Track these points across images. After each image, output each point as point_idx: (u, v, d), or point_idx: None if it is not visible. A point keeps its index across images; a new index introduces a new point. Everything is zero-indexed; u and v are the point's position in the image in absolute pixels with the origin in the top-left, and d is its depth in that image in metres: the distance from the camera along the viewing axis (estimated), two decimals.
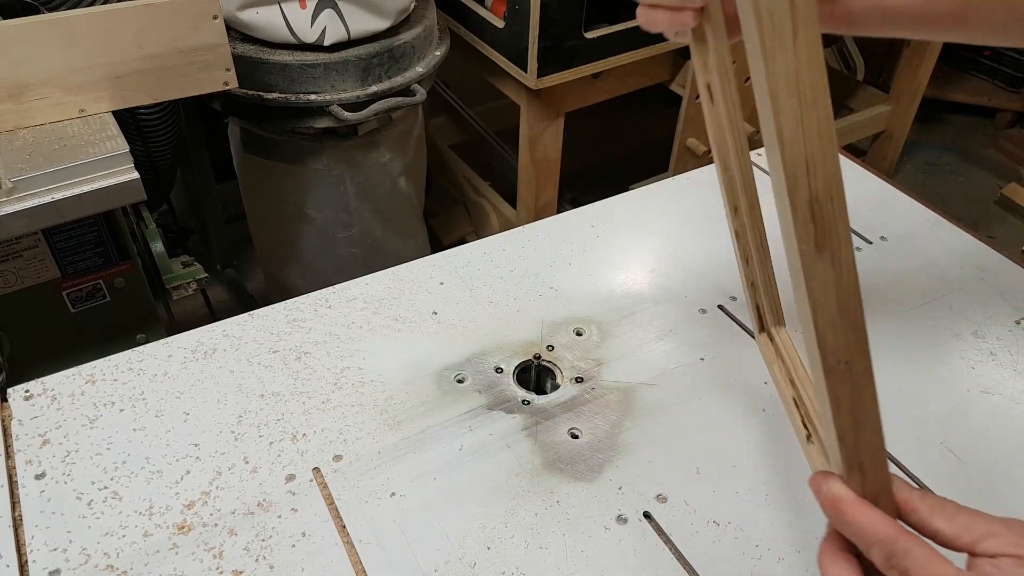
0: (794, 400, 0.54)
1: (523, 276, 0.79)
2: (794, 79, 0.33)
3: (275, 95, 1.20)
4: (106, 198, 0.89)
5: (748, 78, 0.36)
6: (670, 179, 0.95)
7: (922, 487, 0.61)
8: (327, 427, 0.63)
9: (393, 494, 0.58)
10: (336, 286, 0.77)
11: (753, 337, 0.73)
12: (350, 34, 1.19)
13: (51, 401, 0.64)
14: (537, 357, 0.70)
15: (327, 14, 1.16)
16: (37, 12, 0.95)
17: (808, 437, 0.50)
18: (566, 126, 1.52)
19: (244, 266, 1.90)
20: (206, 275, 1.18)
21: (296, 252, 1.48)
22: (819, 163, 0.35)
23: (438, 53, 1.35)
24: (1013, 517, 0.40)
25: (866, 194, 0.91)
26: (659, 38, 1.44)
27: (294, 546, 0.55)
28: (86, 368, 0.67)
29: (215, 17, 0.96)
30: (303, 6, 1.15)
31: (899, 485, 0.41)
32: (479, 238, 0.84)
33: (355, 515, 0.57)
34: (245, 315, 0.73)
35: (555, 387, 0.68)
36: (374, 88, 1.24)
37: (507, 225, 1.71)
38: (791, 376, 0.56)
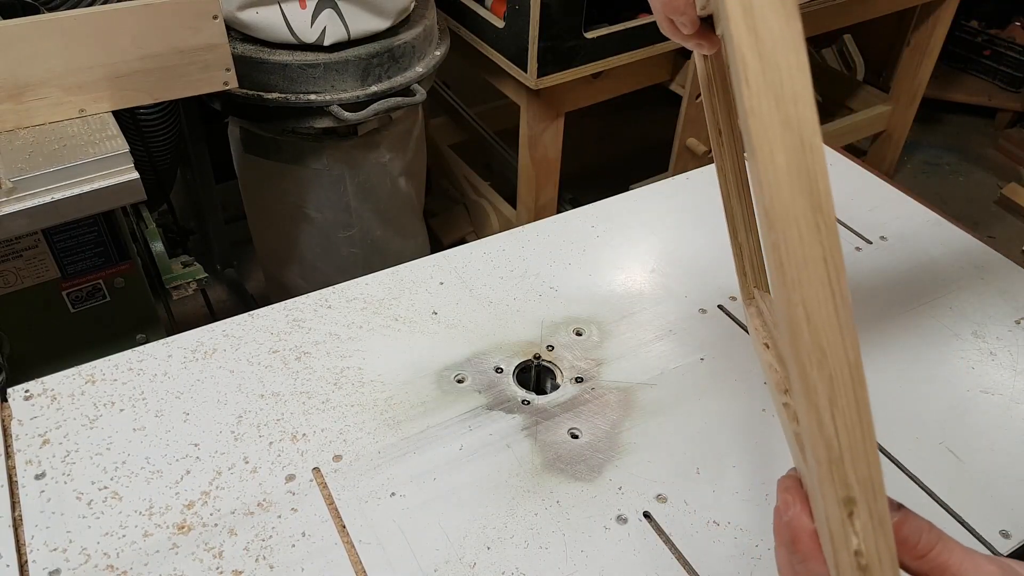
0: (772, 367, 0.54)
1: (523, 276, 0.79)
2: None
3: (275, 95, 1.20)
4: (106, 198, 0.89)
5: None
6: (670, 179, 0.95)
7: (922, 487, 0.61)
8: (327, 427, 0.63)
9: (393, 494, 0.58)
10: (336, 286, 0.77)
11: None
12: (350, 34, 1.19)
13: (51, 401, 0.64)
14: (537, 357, 0.70)
15: (327, 14, 1.16)
16: (37, 12, 0.95)
17: (785, 391, 0.49)
18: (566, 126, 1.52)
19: (244, 266, 1.90)
20: (206, 275, 1.18)
21: (296, 252, 1.48)
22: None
23: (438, 53, 1.35)
24: (1003, 557, 0.39)
25: (866, 194, 0.92)
26: (659, 38, 1.44)
27: (294, 546, 0.55)
28: (86, 368, 0.67)
29: (215, 17, 0.96)
30: (303, 6, 1.15)
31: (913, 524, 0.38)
32: (479, 238, 0.84)
33: (355, 515, 0.57)
34: (245, 315, 0.73)
35: (555, 387, 0.68)
36: (374, 88, 1.24)
37: (507, 225, 1.71)
38: (769, 339, 0.56)
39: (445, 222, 1.86)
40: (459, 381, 0.68)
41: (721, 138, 0.59)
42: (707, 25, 0.51)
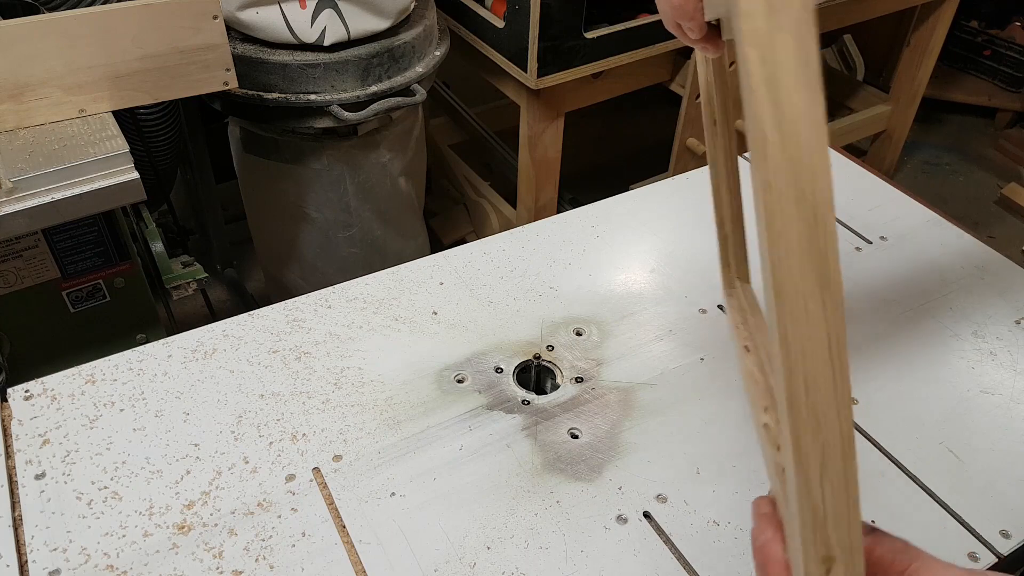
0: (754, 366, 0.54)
1: (523, 276, 0.79)
2: None
3: (275, 95, 1.20)
4: (106, 198, 0.89)
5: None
6: (670, 179, 0.95)
7: (922, 487, 0.61)
8: (327, 427, 0.63)
9: (393, 494, 0.58)
10: (336, 286, 0.77)
11: None
12: (350, 34, 1.19)
13: (51, 401, 0.64)
14: (537, 357, 0.70)
15: (327, 14, 1.16)
16: (37, 12, 0.95)
17: (765, 410, 0.50)
18: (566, 126, 1.52)
19: (244, 266, 1.90)
20: (206, 275, 1.18)
21: (296, 252, 1.48)
22: None
23: (438, 53, 1.35)
24: (981, 570, 0.39)
25: (866, 194, 0.92)
26: (659, 38, 1.44)
27: (294, 546, 0.55)
28: (86, 368, 0.67)
29: (215, 17, 0.96)
30: (303, 6, 1.15)
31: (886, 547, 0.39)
32: (479, 238, 0.84)
33: (355, 515, 0.57)
34: (245, 315, 0.73)
35: (555, 387, 0.68)
36: (374, 88, 1.24)
37: (507, 225, 1.71)
38: (750, 341, 0.56)
39: (445, 222, 1.86)
40: (459, 381, 0.68)
41: (716, 128, 0.60)
42: (714, 30, 0.51)
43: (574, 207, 0.90)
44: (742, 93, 0.32)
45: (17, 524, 0.55)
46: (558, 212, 1.30)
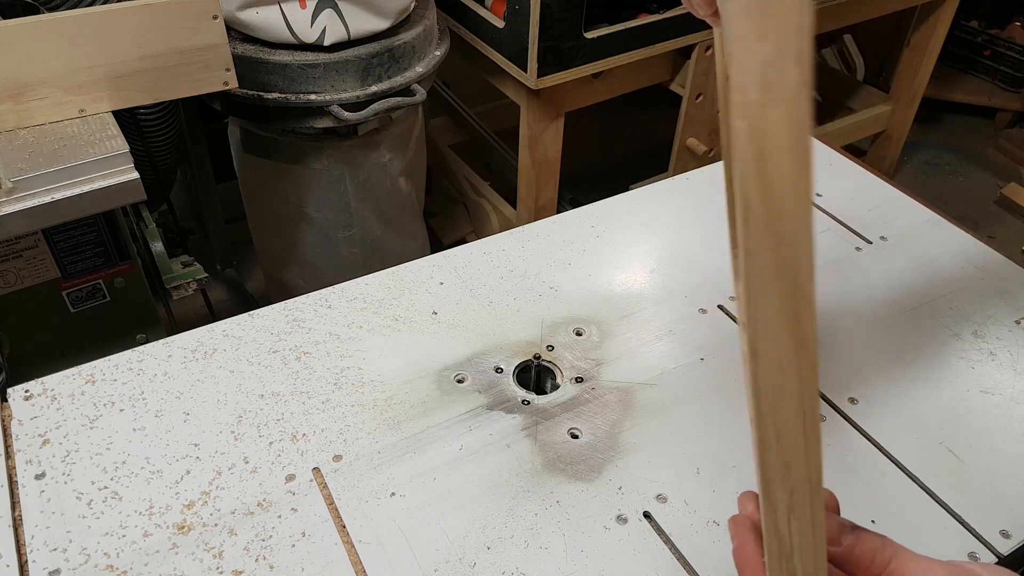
0: None
1: (523, 276, 0.79)
2: None
3: (275, 95, 1.20)
4: (106, 198, 0.89)
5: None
6: (670, 179, 0.95)
7: (922, 487, 0.61)
8: (327, 427, 0.63)
9: (393, 494, 0.58)
10: (336, 286, 0.77)
11: None
12: (350, 34, 1.19)
13: (51, 401, 0.64)
14: (537, 357, 0.70)
15: (327, 14, 1.16)
16: (37, 12, 0.95)
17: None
18: (566, 126, 1.52)
19: (244, 266, 1.90)
20: (206, 275, 1.18)
21: (296, 252, 1.48)
22: None
23: (438, 53, 1.35)
24: (954, 560, 0.40)
25: (866, 194, 0.92)
26: (659, 38, 1.44)
27: (294, 546, 0.55)
28: (86, 368, 0.67)
29: (215, 17, 0.96)
30: (303, 6, 1.15)
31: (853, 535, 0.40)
32: (479, 238, 0.84)
33: (355, 515, 0.57)
34: (245, 315, 0.73)
35: (555, 387, 0.68)
36: (374, 88, 1.24)
37: (507, 225, 1.71)
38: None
39: (445, 222, 1.86)
40: (459, 381, 0.68)
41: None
42: None
43: (574, 207, 0.90)
44: (727, 158, 0.32)
45: (17, 524, 0.55)
46: (558, 212, 1.30)
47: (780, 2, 0.29)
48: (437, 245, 1.78)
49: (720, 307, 0.76)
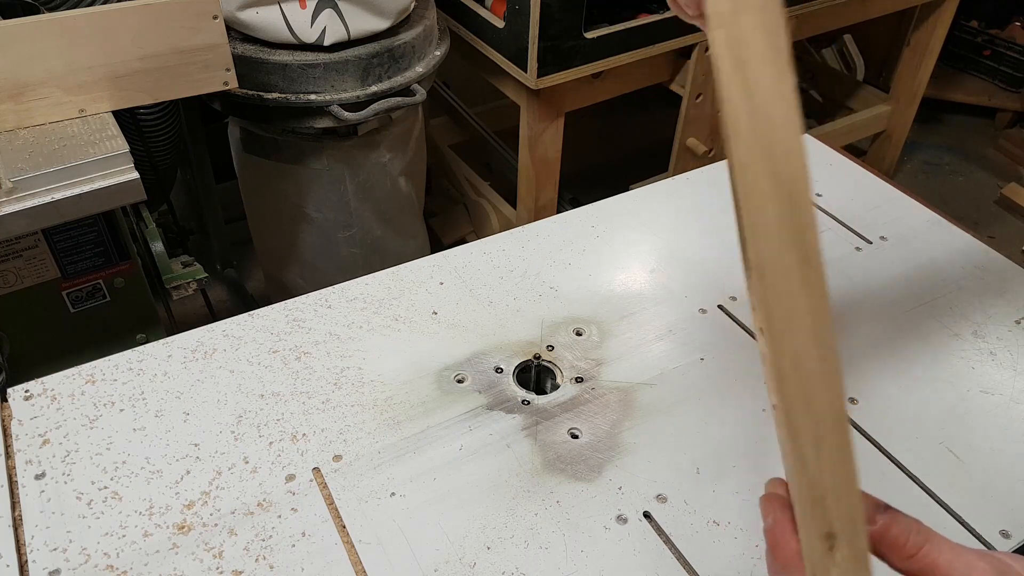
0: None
1: (523, 276, 0.79)
2: None
3: (275, 95, 1.20)
4: (106, 198, 0.89)
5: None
6: (670, 179, 0.95)
7: (922, 487, 0.61)
8: (327, 427, 0.63)
9: (393, 494, 0.58)
10: (336, 286, 0.77)
11: (753, 337, 0.73)
12: (350, 34, 1.19)
13: (51, 401, 0.64)
14: (537, 357, 0.70)
15: (327, 14, 1.16)
16: (37, 12, 0.95)
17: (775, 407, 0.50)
18: (566, 126, 1.52)
19: (244, 266, 1.90)
20: (206, 275, 1.18)
21: (296, 252, 1.48)
22: None
23: (438, 53, 1.35)
24: (994, 551, 0.39)
25: (866, 194, 0.92)
26: (659, 38, 1.44)
27: (294, 546, 0.55)
28: (86, 368, 0.67)
29: (215, 17, 0.96)
30: (303, 6, 1.15)
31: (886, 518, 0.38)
32: (479, 238, 0.84)
33: (355, 515, 0.57)
34: (245, 315, 0.73)
35: (555, 387, 0.68)
36: (374, 88, 1.24)
37: (507, 225, 1.71)
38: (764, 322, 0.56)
39: (445, 222, 1.86)
40: (459, 381, 0.68)
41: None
42: None
43: (574, 207, 0.90)
44: (714, 76, 0.32)
45: (17, 524, 0.55)
46: (558, 212, 1.30)
47: None
48: (437, 245, 1.78)
49: (720, 307, 0.76)
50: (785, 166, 0.31)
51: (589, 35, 1.35)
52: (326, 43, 1.18)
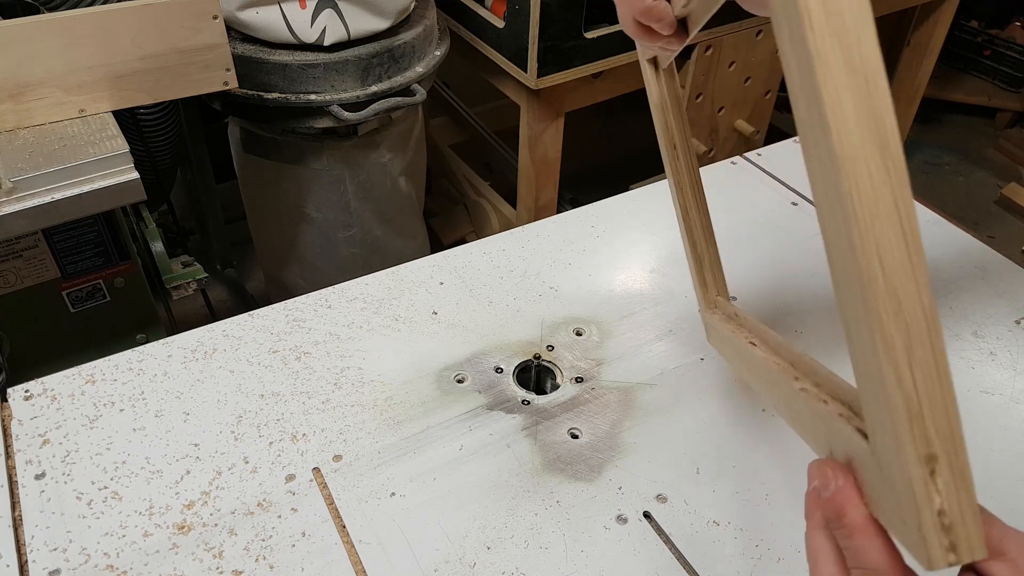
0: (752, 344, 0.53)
1: (523, 276, 0.79)
2: None
3: (275, 95, 1.20)
4: (106, 198, 0.89)
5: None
6: None
7: None
8: (327, 427, 0.63)
9: (393, 494, 0.58)
10: (336, 286, 0.77)
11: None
12: (350, 34, 1.19)
13: (51, 401, 0.64)
14: (537, 357, 0.70)
15: (327, 14, 1.16)
16: (37, 12, 0.95)
17: (796, 379, 0.46)
18: (566, 126, 1.52)
19: (244, 266, 1.90)
20: (206, 275, 1.18)
21: (296, 252, 1.48)
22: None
23: (438, 53, 1.35)
24: None
25: None
26: None
27: (294, 546, 0.55)
28: (86, 368, 0.67)
29: (215, 17, 0.96)
30: (303, 6, 1.15)
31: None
32: (479, 238, 0.84)
33: (355, 515, 0.57)
34: (245, 315, 0.73)
35: (555, 387, 0.68)
36: (374, 88, 1.24)
37: (507, 225, 1.71)
38: (755, 338, 0.55)
39: (445, 222, 1.86)
40: (459, 381, 0.68)
41: (676, 152, 0.60)
42: (680, 25, 0.52)
43: (574, 207, 0.90)
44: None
45: (17, 524, 0.55)
46: (558, 212, 1.30)
47: None
48: (437, 245, 1.78)
49: None
50: (859, 54, 0.30)
51: (589, 35, 1.35)
52: (326, 43, 1.18)
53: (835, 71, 0.30)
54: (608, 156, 2.37)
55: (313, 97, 1.21)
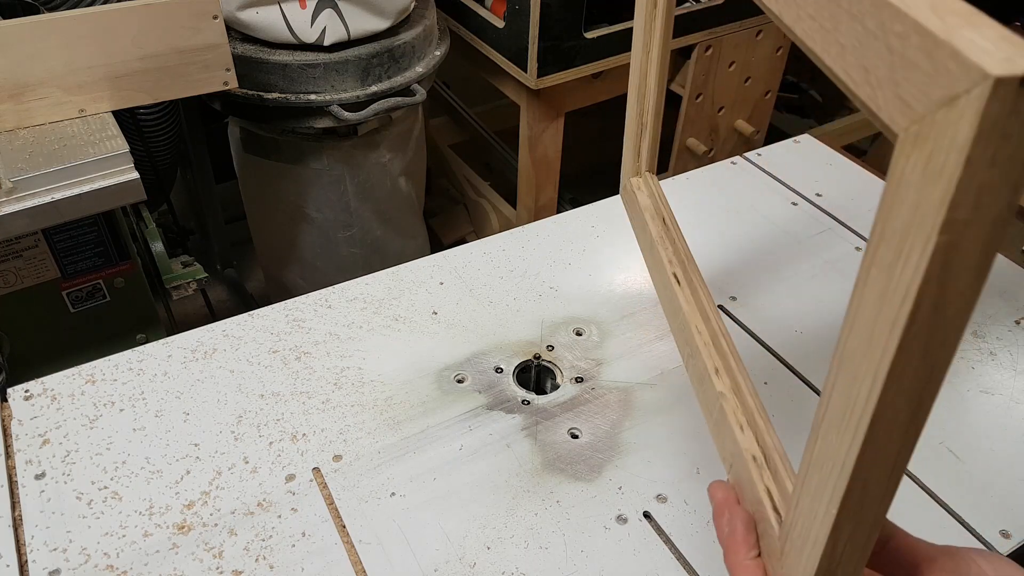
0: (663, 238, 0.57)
1: (523, 276, 0.79)
2: None
3: (275, 95, 1.20)
4: (106, 198, 0.89)
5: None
6: (670, 179, 0.95)
7: (922, 487, 0.61)
8: (327, 427, 0.63)
9: (393, 494, 0.58)
10: (336, 286, 0.77)
11: (754, 337, 0.73)
12: (350, 34, 1.19)
13: (51, 401, 0.64)
14: (537, 357, 0.70)
15: (327, 14, 1.16)
16: (37, 12, 0.95)
17: (716, 372, 0.49)
18: (566, 126, 1.52)
19: (244, 266, 1.90)
20: (206, 275, 1.18)
21: (296, 252, 1.48)
22: None
23: (438, 53, 1.35)
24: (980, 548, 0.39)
25: (866, 194, 0.91)
26: None
27: (294, 546, 0.55)
28: (86, 368, 0.67)
29: (215, 17, 0.96)
30: (303, 6, 1.15)
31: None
32: (479, 238, 0.84)
33: (355, 515, 0.57)
34: (245, 315, 0.73)
35: (555, 387, 0.68)
36: (374, 88, 1.24)
37: (507, 225, 1.71)
38: (678, 267, 0.58)
39: (445, 222, 1.86)
40: (459, 381, 0.68)
41: (656, 11, 0.58)
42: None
43: (574, 207, 0.90)
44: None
45: (17, 524, 0.55)
46: (558, 212, 1.30)
47: None
48: (437, 245, 1.78)
49: (720, 307, 0.76)
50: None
51: (589, 35, 1.35)
52: (326, 43, 1.18)
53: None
54: (608, 156, 2.36)
55: (313, 97, 1.21)
